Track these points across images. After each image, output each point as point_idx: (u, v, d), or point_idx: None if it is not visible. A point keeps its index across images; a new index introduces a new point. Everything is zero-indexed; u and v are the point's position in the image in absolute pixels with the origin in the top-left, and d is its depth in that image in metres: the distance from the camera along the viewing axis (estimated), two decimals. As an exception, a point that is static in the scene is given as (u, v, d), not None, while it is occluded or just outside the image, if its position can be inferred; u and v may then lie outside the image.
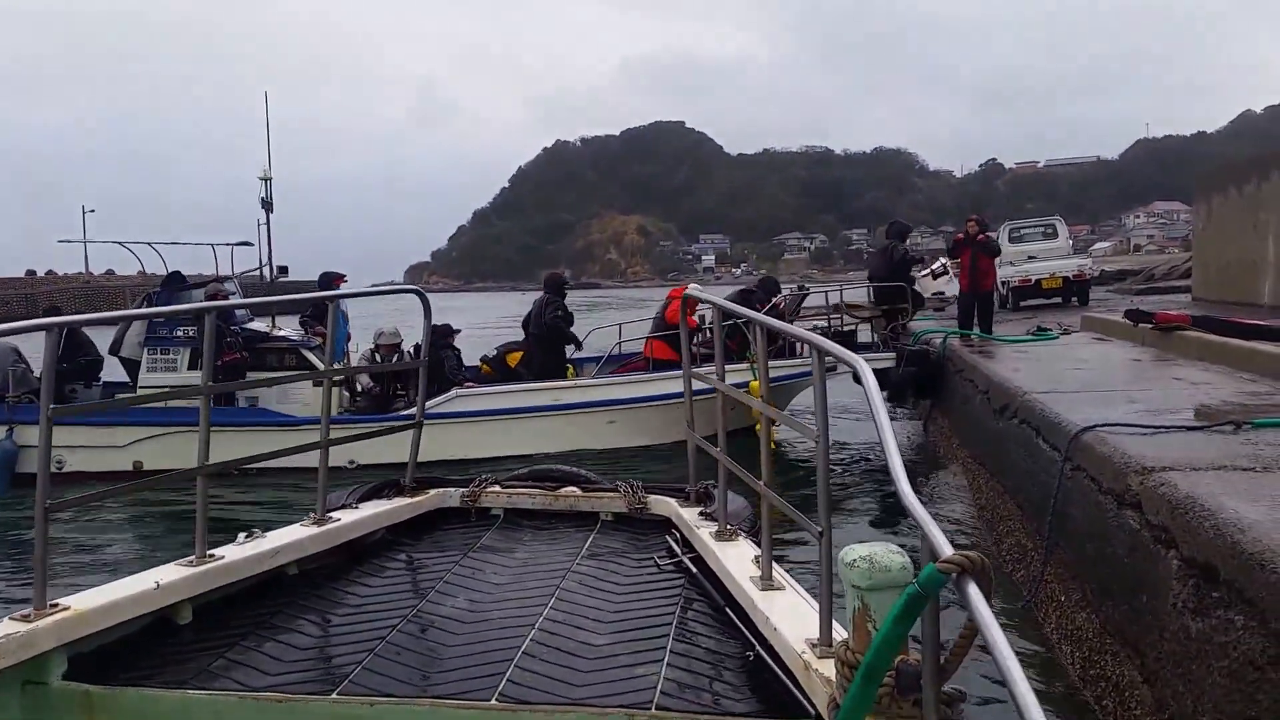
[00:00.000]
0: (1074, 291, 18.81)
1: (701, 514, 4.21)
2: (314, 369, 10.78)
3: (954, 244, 13.91)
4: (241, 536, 3.80)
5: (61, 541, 8.38)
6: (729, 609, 3.34)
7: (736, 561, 3.49)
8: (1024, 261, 19.67)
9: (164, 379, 10.73)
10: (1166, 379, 7.42)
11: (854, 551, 2.25)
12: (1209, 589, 3.33)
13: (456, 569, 4.03)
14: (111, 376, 11.83)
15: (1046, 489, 5.49)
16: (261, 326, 11.60)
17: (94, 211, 62.58)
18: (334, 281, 11.89)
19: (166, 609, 3.31)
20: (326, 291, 9.61)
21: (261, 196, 12.38)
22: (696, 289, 11.40)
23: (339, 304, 4.91)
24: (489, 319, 36.22)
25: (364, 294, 6.06)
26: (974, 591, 1.47)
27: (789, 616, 2.90)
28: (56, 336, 3.08)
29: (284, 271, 12.71)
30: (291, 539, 3.91)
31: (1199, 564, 3.41)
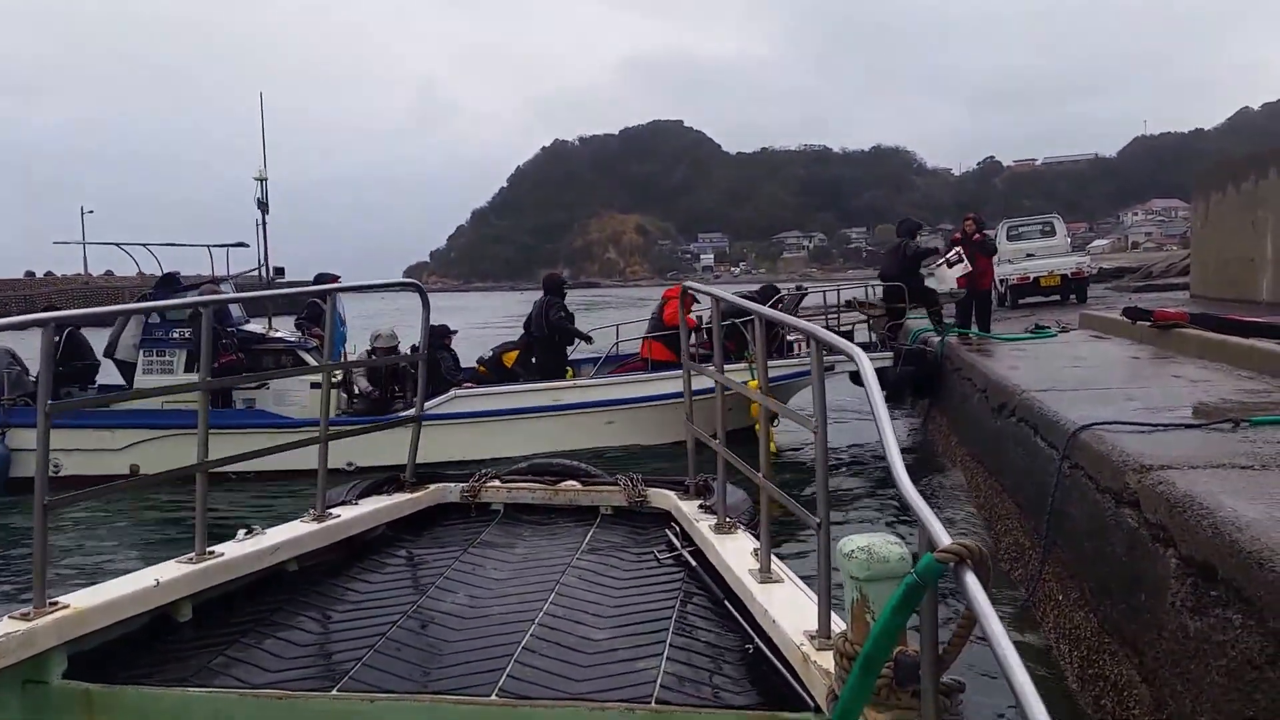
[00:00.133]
0: (1072, 289, 18.83)
1: (701, 507, 4.21)
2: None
3: (951, 243, 13.92)
4: (241, 533, 3.80)
5: (61, 542, 8.37)
6: (728, 602, 3.34)
7: (736, 554, 3.49)
8: (1022, 259, 19.69)
9: (159, 381, 10.72)
10: (1165, 377, 7.42)
11: (852, 542, 2.24)
12: (1207, 588, 3.32)
13: (456, 564, 4.02)
14: (108, 381, 11.82)
15: (1044, 487, 5.48)
16: (258, 328, 11.60)
17: (93, 212, 62.74)
18: (322, 295, 11.85)
19: (166, 606, 3.30)
20: (323, 288, 9.57)
21: (257, 197, 12.33)
22: (695, 284, 11.35)
23: (336, 303, 4.90)
24: (488, 319, 36.25)
25: (363, 288, 6.03)
26: (972, 581, 1.46)
27: (788, 609, 2.90)
28: (52, 333, 3.07)
29: (280, 273, 12.66)
30: (291, 535, 3.89)
31: (1197, 563, 3.41)
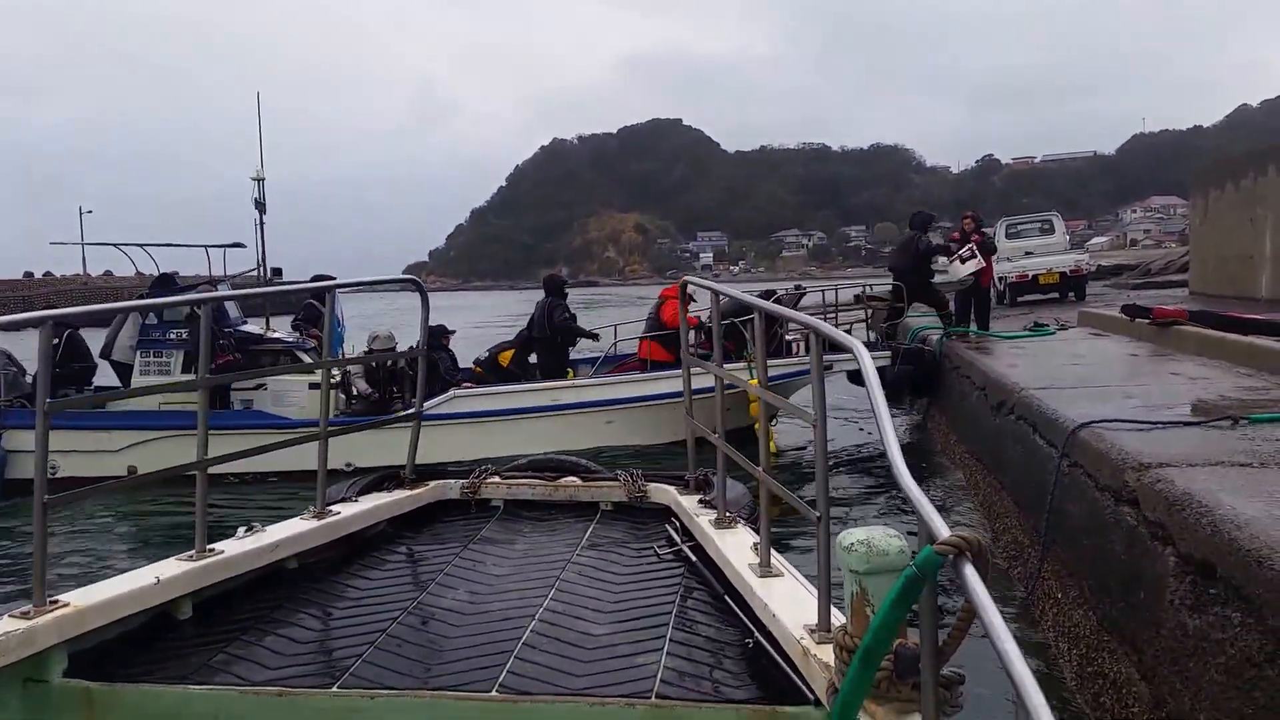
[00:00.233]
0: (1071, 287, 18.82)
1: (701, 502, 4.21)
2: (309, 371, 10.74)
3: (949, 242, 13.89)
4: (241, 530, 3.79)
5: (61, 542, 8.36)
6: (728, 597, 3.34)
7: (736, 549, 3.50)
8: (1021, 257, 19.68)
9: (157, 382, 10.70)
10: (1163, 374, 7.42)
11: (851, 536, 2.24)
12: (1206, 586, 3.32)
13: (457, 561, 4.02)
14: (104, 383, 11.78)
15: (1043, 485, 5.47)
16: (255, 329, 11.56)
17: (91, 212, 62.72)
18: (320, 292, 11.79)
19: (166, 604, 3.30)
20: (322, 285, 9.51)
21: (255, 197, 12.30)
22: (694, 278, 11.33)
23: (335, 302, 4.90)
24: (487, 318, 36.24)
25: (362, 283, 6.04)
26: (971, 573, 1.46)
27: (788, 603, 2.90)
28: (50, 330, 3.07)
29: (278, 273, 12.62)
30: (291, 533, 3.89)
31: (1196, 561, 3.40)
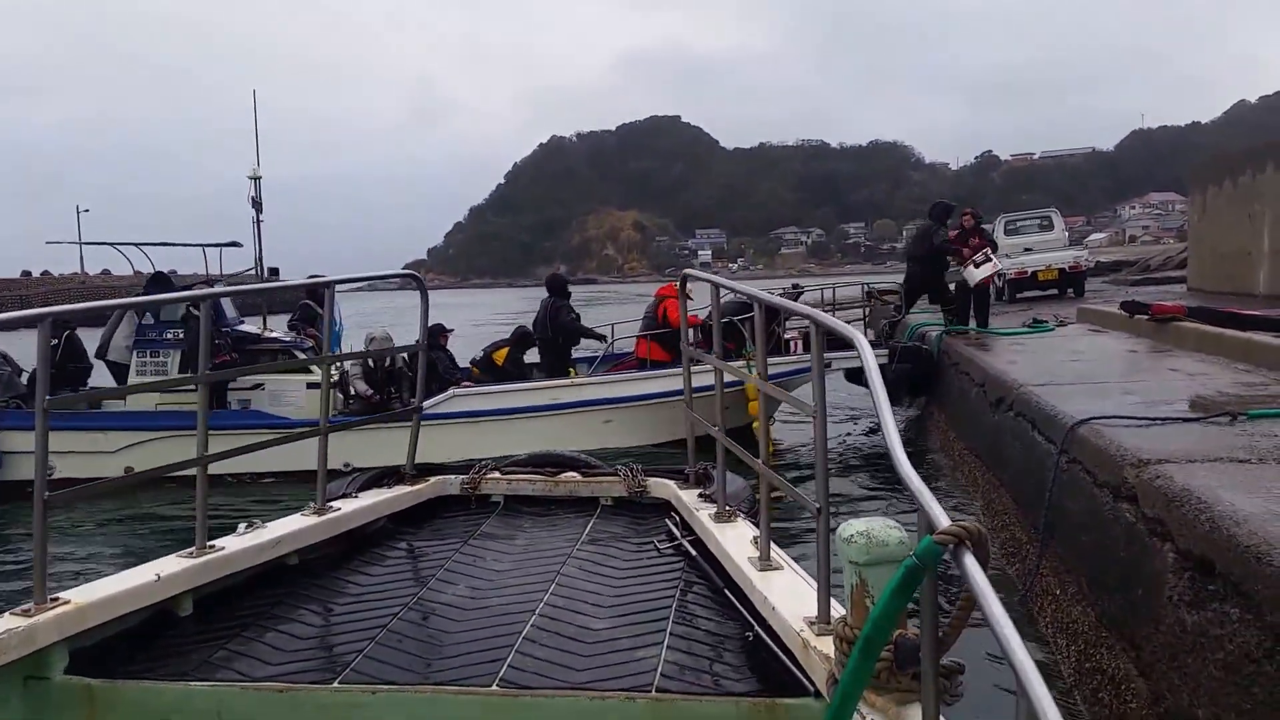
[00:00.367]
0: (1070, 283, 18.79)
1: (701, 496, 4.22)
2: (307, 371, 10.72)
3: (949, 241, 13.82)
4: (242, 527, 3.78)
5: (61, 541, 8.35)
6: (728, 590, 3.34)
7: (735, 543, 3.50)
8: (1020, 254, 19.66)
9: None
10: (1162, 370, 7.42)
11: (851, 527, 2.23)
12: (1205, 582, 3.32)
13: (457, 556, 4.02)
14: (100, 384, 11.75)
15: (1042, 482, 5.47)
16: (253, 328, 11.53)
17: (88, 211, 62.54)
18: (321, 289, 11.75)
19: (167, 601, 3.29)
20: (322, 281, 9.46)
21: (251, 196, 12.25)
22: (694, 271, 11.27)
23: (334, 299, 4.91)
24: (486, 316, 36.22)
25: (362, 279, 6.04)
26: (971, 562, 1.45)
27: (787, 596, 2.90)
28: (49, 328, 3.07)
29: (275, 273, 12.58)
30: (292, 529, 3.88)
31: (1195, 557, 3.40)
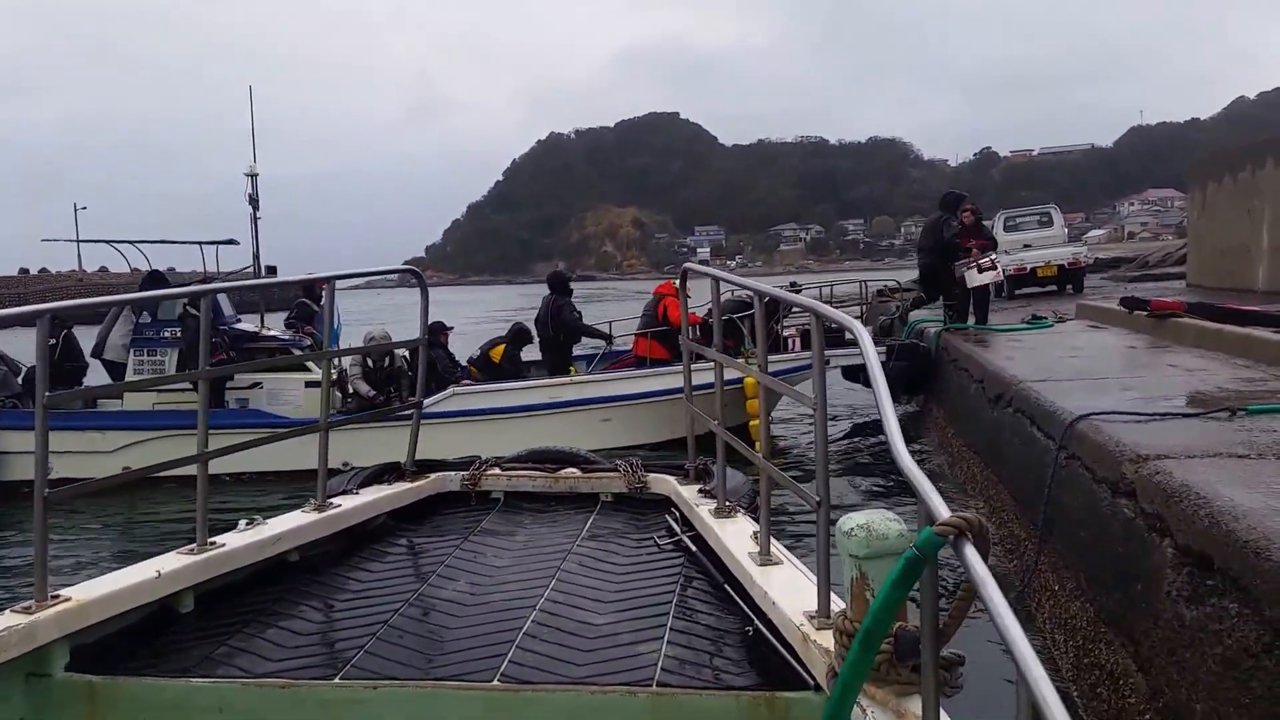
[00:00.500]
0: (1069, 279, 18.78)
1: (701, 491, 4.22)
2: (305, 370, 10.72)
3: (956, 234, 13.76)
4: (242, 524, 3.79)
5: (61, 540, 8.34)
6: (728, 585, 3.34)
7: (735, 538, 3.50)
8: (1019, 250, 19.65)
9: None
10: (1161, 366, 7.41)
11: (851, 520, 2.23)
12: (1203, 577, 3.32)
13: (457, 553, 4.02)
14: (96, 384, 11.71)
15: (1041, 478, 5.47)
16: (250, 327, 11.51)
17: (85, 209, 62.51)
18: (316, 284, 11.75)
19: (168, 598, 3.29)
20: (322, 277, 9.43)
21: (248, 193, 12.20)
22: (694, 266, 11.24)
23: (333, 295, 4.90)
24: (485, 313, 36.18)
25: (362, 274, 6.05)
26: (971, 553, 1.45)
27: (787, 590, 2.90)
28: (48, 324, 3.06)
29: (272, 272, 12.55)
30: (292, 525, 3.89)
31: (1194, 552, 3.40)
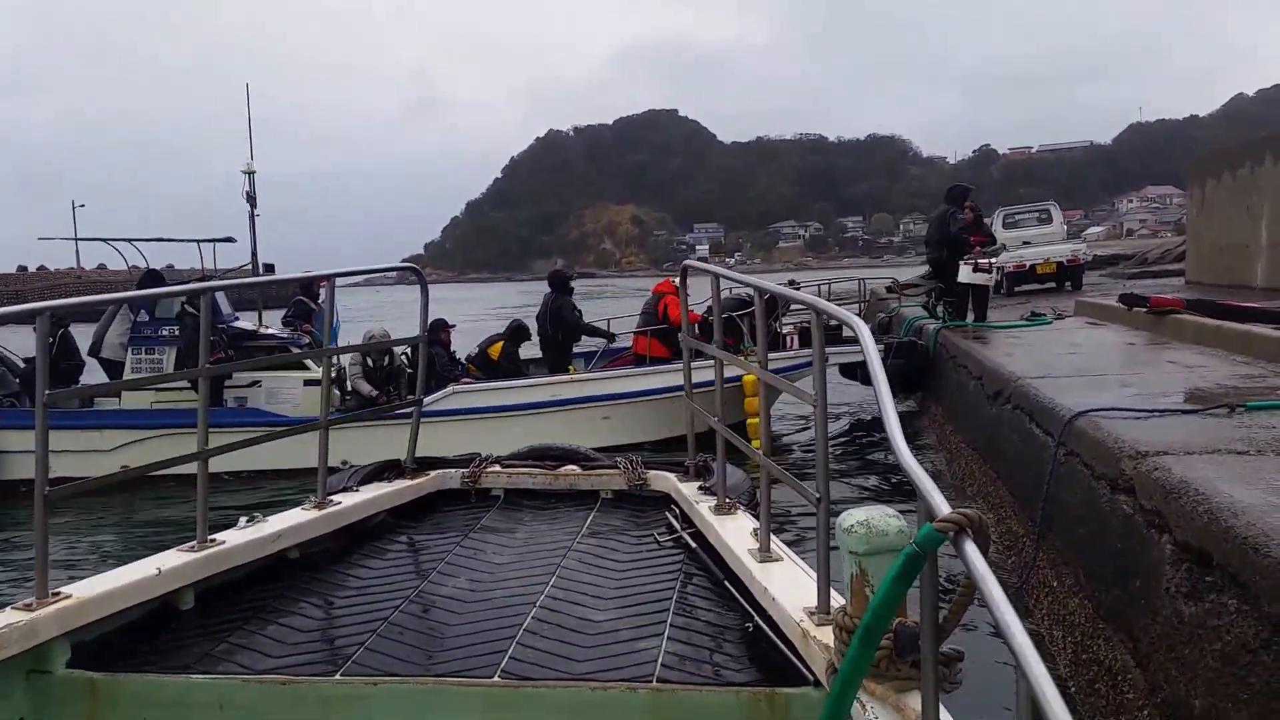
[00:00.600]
0: (1067, 276, 18.79)
1: (701, 488, 4.23)
2: (303, 368, 10.71)
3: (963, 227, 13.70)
4: (243, 521, 3.79)
5: (61, 538, 8.33)
6: (728, 582, 3.35)
7: (735, 535, 3.50)
8: (1018, 247, 19.65)
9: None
10: (1160, 363, 7.41)
11: (851, 517, 2.23)
12: (1202, 573, 3.32)
13: (458, 550, 4.02)
14: (92, 382, 11.69)
15: (1040, 474, 5.48)
16: (248, 325, 11.49)
17: (84, 206, 62.42)
18: (314, 282, 11.75)
19: (168, 595, 3.30)
20: (322, 274, 9.39)
21: (245, 191, 12.17)
22: (695, 263, 11.21)
23: (333, 293, 4.91)
24: (481, 310, 36.16)
25: (362, 271, 6.05)
26: (971, 549, 1.45)
27: (787, 587, 2.91)
28: (48, 322, 3.06)
29: (270, 270, 12.54)
30: (292, 523, 3.89)
31: (1193, 548, 3.40)
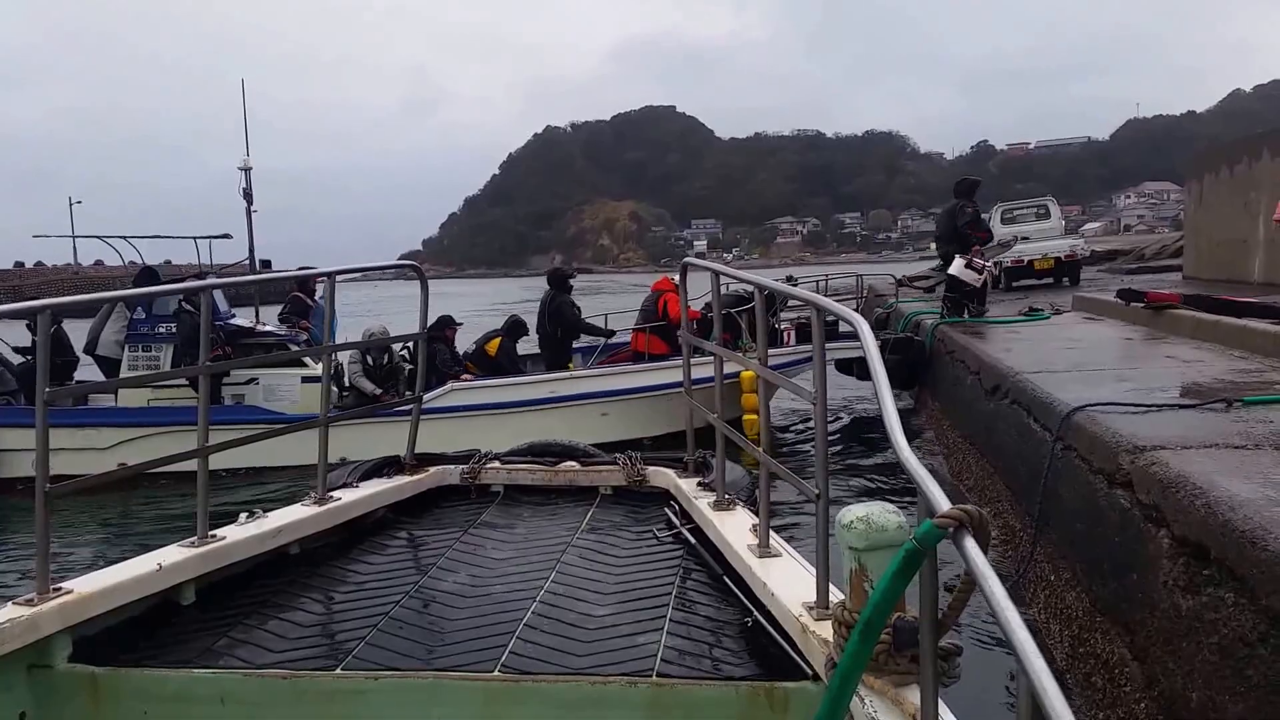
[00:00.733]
0: (1065, 272, 18.81)
1: (700, 484, 4.23)
2: (301, 365, 10.70)
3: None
4: (243, 517, 3.80)
5: (61, 535, 8.32)
6: (727, 577, 3.35)
7: (734, 531, 3.51)
8: (1017, 243, 19.64)
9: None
10: (1158, 358, 7.42)
11: (851, 513, 2.24)
12: (1200, 567, 3.32)
13: (457, 545, 4.04)
14: (86, 379, 11.66)
15: (1037, 469, 5.48)
16: (245, 322, 11.48)
17: (80, 203, 62.12)
18: (310, 280, 11.73)
19: (169, 590, 3.31)
20: (322, 272, 9.34)
21: (242, 187, 12.13)
22: (694, 260, 11.21)
23: (333, 291, 4.91)
24: (479, 306, 36.11)
25: (362, 269, 6.05)
26: (971, 545, 1.45)
27: (786, 582, 2.91)
28: (49, 319, 3.05)
29: (267, 265, 12.51)
30: (293, 519, 3.91)
31: (1190, 542, 3.41)
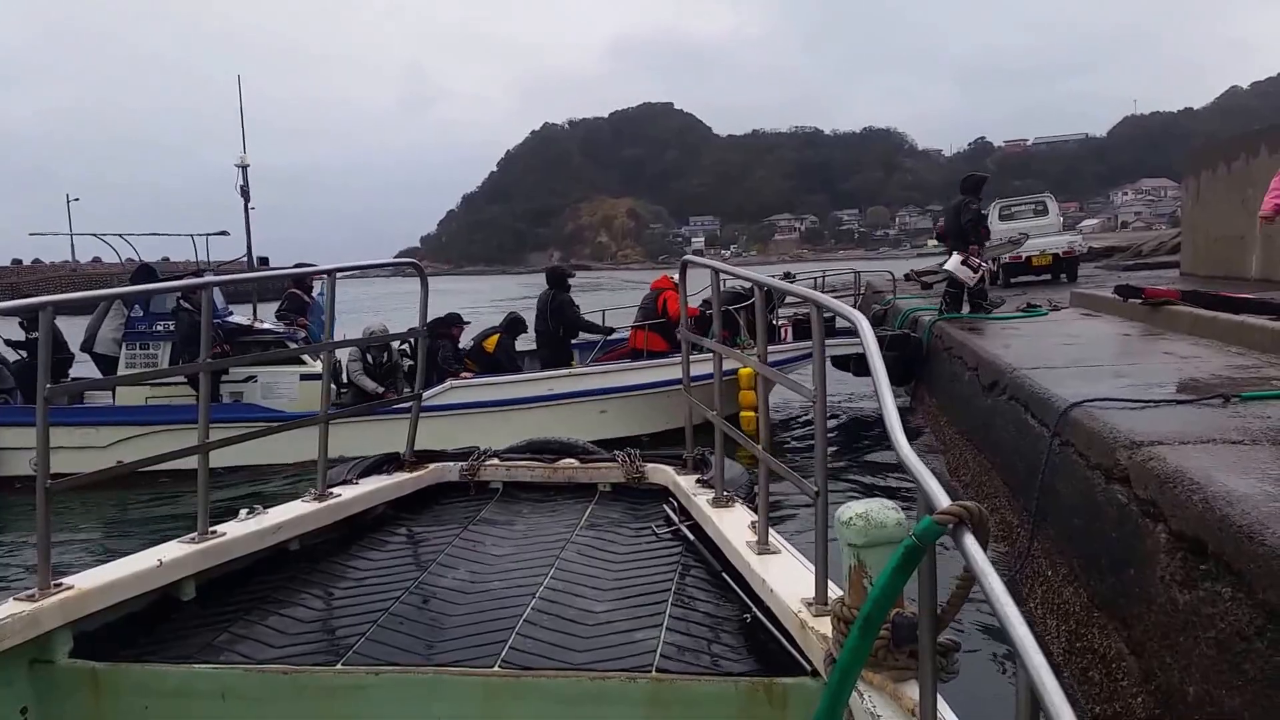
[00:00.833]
0: (1063, 268, 18.84)
1: (699, 481, 4.24)
2: (299, 363, 10.69)
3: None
4: (243, 513, 3.81)
5: (61, 533, 8.32)
6: (726, 574, 3.36)
7: (733, 527, 3.51)
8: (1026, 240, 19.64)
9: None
10: (1156, 353, 7.43)
11: (850, 509, 2.24)
12: (1197, 562, 3.33)
13: (457, 541, 4.05)
14: (82, 376, 11.65)
15: (1035, 464, 5.49)
16: (243, 319, 11.47)
17: (78, 200, 62.15)
18: (308, 278, 11.71)
19: (170, 586, 3.32)
20: (322, 270, 9.30)
21: (240, 184, 12.10)
22: (694, 258, 11.19)
23: (332, 288, 4.91)
24: (477, 303, 36.12)
25: (362, 267, 6.04)
26: (970, 542, 1.46)
27: (785, 578, 2.92)
28: (51, 316, 3.05)
29: (265, 263, 12.49)
30: (293, 515, 3.92)
31: (1187, 537, 3.41)
